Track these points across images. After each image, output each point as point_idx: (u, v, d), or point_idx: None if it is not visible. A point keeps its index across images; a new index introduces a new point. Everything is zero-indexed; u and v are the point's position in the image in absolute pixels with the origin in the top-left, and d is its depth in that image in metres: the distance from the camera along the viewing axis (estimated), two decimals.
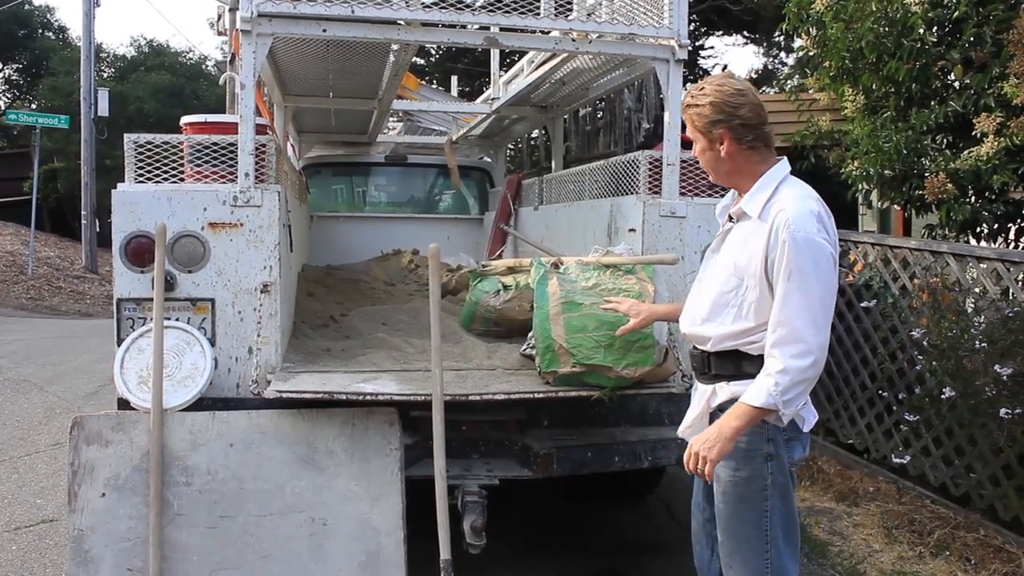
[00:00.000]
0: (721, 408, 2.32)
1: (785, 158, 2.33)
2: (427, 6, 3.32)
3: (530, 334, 3.37)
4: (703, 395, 2.40)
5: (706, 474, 2.21)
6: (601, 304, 3.05)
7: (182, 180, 3.30)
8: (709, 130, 2.27)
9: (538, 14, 3.46)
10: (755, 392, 2.16)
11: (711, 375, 2.36)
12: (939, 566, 3.96)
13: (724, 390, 2.32)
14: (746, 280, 2.24)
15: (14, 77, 28.87)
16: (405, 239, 6.37)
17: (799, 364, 2.12)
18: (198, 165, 3.31)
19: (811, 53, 6.20)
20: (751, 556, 2.30)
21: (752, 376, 2.23)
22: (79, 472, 2.97)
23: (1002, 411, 3.94)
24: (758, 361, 2.23)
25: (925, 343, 4.50)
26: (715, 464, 2.20)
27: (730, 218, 2.36)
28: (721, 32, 18.61)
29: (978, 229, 5.41)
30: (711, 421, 2.34)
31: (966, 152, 5.04)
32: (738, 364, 2.29)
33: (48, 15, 28.64)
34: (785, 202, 2.19)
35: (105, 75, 26.08)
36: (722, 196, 2.53)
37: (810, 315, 2.13)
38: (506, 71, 6.00)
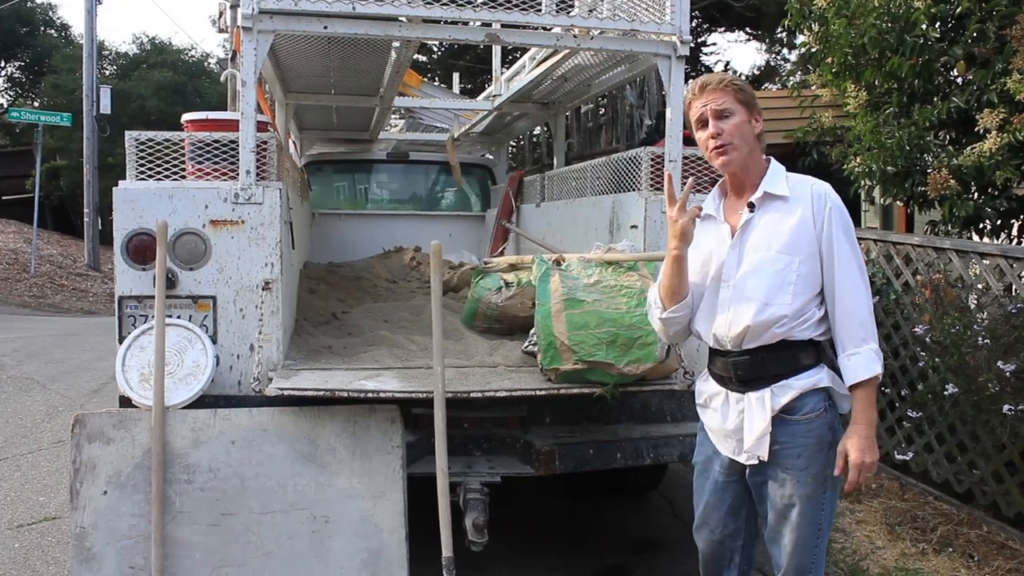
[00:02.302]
0: (787, 410, 2.27)
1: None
2: (428, 2, 3.31)
3: (532, 331, 3.37)
4: (760, 402, 2.30)
5: (872, 471, 2.24)
6: (608, 302, 3.07)
7: (183, 177, 3.30)
8: (755, 105, 2.35)
9: (540, 10, 3.45)
10: (871, 364, 2.21)
11: (768, 376, 2.30)
12: (942, 563, 3.95)
13: (787, 389, 2.28)
14: (797, 256, 2.27)
15: (16, 75, 28.87)
16: (407, 236, 6.37)
17: (873, 320, 2.26)
18: (199, 162, 3.31)
19: (813, 49, 6.18)
20: (803, 550, 2.32)
21: (809, 367, 2.28)
22: (81, 470, 2.97)
23: (1005, 407, 3.93)
24: (808, 346, 2.29)
25: (928, 339, 4.49)
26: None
27: (750, 207, 2.34)
28: (723, 28, 18.59)
29: (981, 225, 5.39)
30: (773, 426, 2.29)
31: (969, 148, 5.03)
32: (795, 357, 2.30)
33: (50, 13, 28.64)
34: (808, 178, 2.34)
35: (107, 72, 26.10)
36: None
37: (863, 274, 2.28)
38: (508, 68, 6.00)
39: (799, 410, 2.27)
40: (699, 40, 17.53)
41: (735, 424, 2.37)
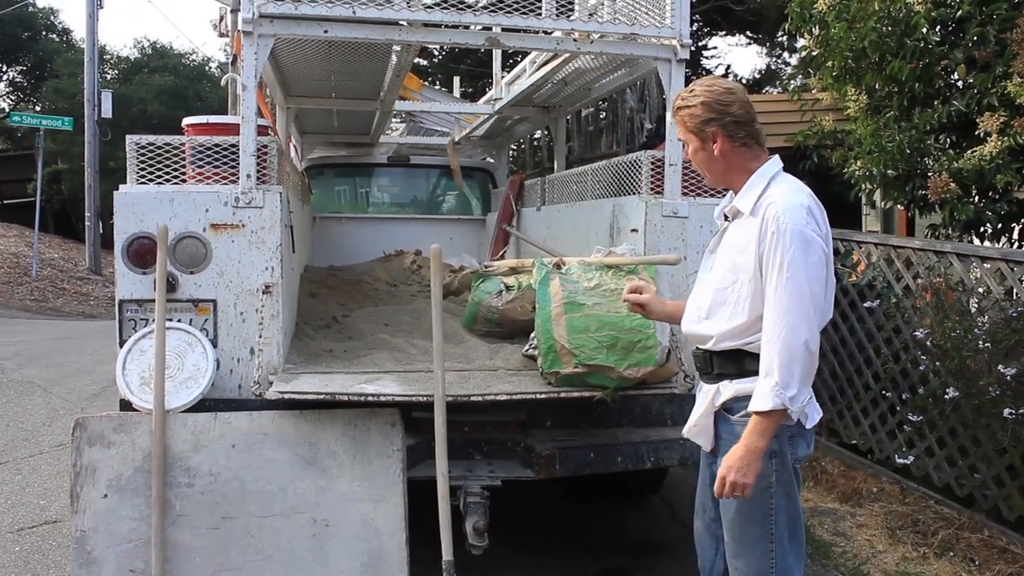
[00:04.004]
0: (725, 408, 2.33)
1: (777, 156, 2.35)
2: (429, 7, 3.32)
3: (532, 335, 3.37)
4: (707, 394, 2.40)
5: (745, 495, 2.19)
6: (608, 306, 3.06)
7: (184, 181, 3.31)
8: (702, 129, 2.29)
9: (540, 14, 3.46)
10: (760, 398, 2.16)
11: (714, 375, 2.36)
12: (943, 567, 3.95)
13: (728, 389, 2.32)
14: (741, 276, 2.26)
15: (18, 79, 28.87)
16: (408, 240, 6.37)
17: (796, 358, 2.13)
18: (200, 166, 3.32)
19: (814, 53, 6.19)
20: (756, 556, 2.31)
21: (755, 374, 2.24)
22: (81, 473, 2.97)
23: (1006, 411, 3.93)
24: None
25: (928, 343, 4.49)
26: (752, 485, 2.18)
27: (725, 217, 2.39)
28: (724, 32, 18.61)
29: (981, 229, 5.40)
30: (716, 420, 2.36)
31: (969, 152, 5.03)
32: (740, 363, 2.30)
33: (52, 17, 28.65)
34: (775, 196, 2.23)
35: (108, 77, 26.09)
36: (723, 196, 2.53)
37: (802, 308, 2.14)
38: (508, 72, 6.00)
39: (737, 411, 2.31)
40: (699, 44, 17.54)
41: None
